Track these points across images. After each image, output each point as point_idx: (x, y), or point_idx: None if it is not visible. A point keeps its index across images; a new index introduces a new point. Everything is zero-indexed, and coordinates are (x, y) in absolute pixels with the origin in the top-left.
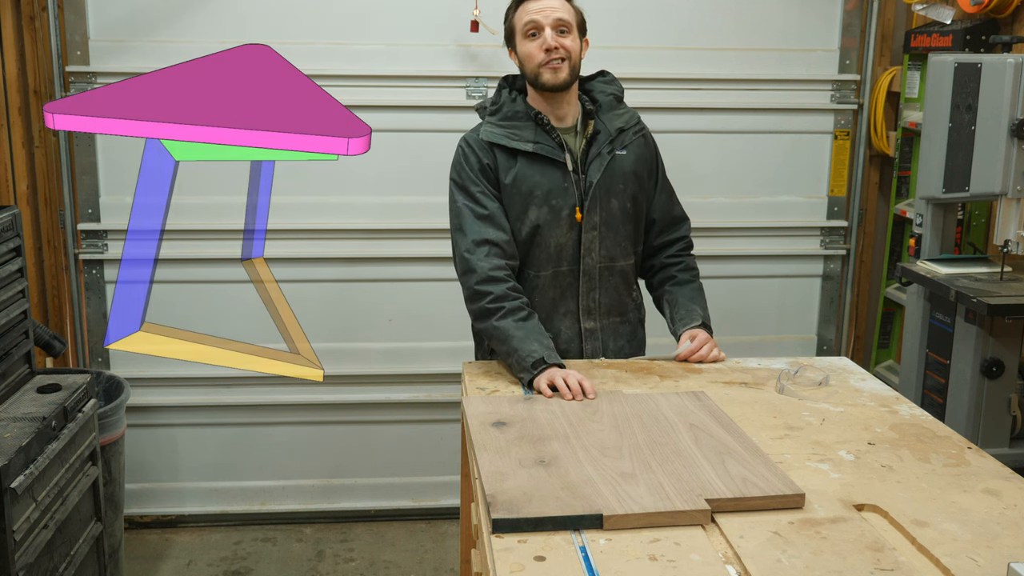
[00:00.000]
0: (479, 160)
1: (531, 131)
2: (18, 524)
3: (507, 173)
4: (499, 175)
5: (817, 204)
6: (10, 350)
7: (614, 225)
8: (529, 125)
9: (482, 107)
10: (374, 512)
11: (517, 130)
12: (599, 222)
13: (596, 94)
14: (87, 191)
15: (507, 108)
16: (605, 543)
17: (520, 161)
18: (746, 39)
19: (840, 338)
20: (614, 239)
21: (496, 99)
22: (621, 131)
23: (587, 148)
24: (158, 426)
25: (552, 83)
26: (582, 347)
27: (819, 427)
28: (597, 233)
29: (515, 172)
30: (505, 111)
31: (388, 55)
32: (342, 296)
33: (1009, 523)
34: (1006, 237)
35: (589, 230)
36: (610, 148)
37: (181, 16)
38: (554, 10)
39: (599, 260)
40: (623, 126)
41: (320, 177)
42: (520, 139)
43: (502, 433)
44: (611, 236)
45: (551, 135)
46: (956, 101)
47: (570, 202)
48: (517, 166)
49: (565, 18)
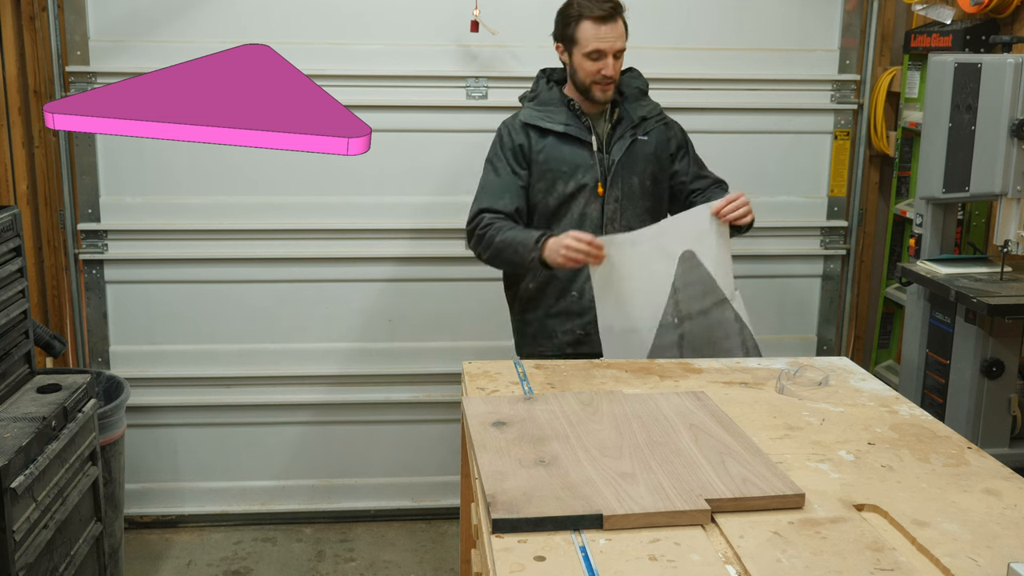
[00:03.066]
0: (512, 141)
1: (563, 115)
2: (18, 524)
3: (539, 150)
4: (531, 153)
5: (817, 204)
6: (10, 350)
7: (634, 199)
8: (562, 110)
9: (523, 97)
10: (374, 512)
11: (551, 113)
12: (620, 196)
13: (623, 87)
14: (87, 191)
15: (544, 95)
16: (605, 543)
17: (551, 140)
18: (746, 39)
19: (840, 338)
20: (633, 211)
21: (535, 88)
22: (644, 119)
23: (612, 132)
24: (158, 426)
25: (602, 100)
26: None
27: (819, 427)
28: (618, 205)
29: (546, 149)
30: (542, 98)
31: (388, 55)
32: (342, 296)
33: (1009, 523)
34: (1006, 237)
35: (611, 202)
36: (632, 133)
37: (181, 16)
38: (618, 40)
39: (619, 230)
40: (646, 115)
41: (320, 177)
42: (553, 121)
43: (502, 433)
44: (631, 209)
45: (580, 119)
46: (956, 101)
47: (594, 177)
48: (548, 144)
49: (622, 47)
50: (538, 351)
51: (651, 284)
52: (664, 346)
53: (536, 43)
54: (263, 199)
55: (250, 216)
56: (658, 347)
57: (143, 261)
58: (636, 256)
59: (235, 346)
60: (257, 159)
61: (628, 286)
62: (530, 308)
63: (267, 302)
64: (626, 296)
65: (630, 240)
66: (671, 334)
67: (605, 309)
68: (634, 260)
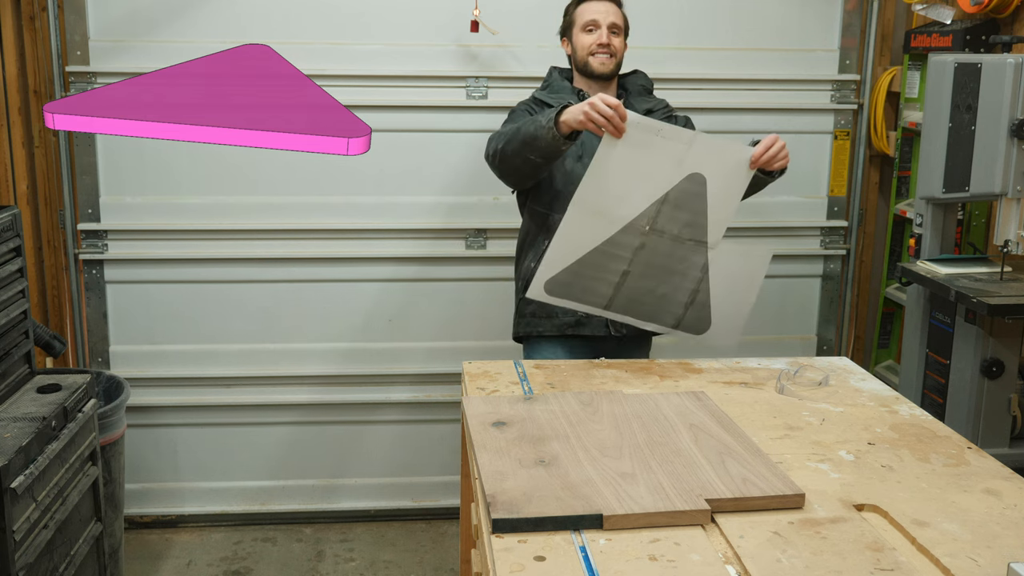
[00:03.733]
0: (531, 104)
1: (575, 100)
2: (18, 524)
3: None
4: None
5: (817, 204)
6: (10, 350)
7: None
8: (573, 98)
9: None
10: (374, 512)
11: (562, 98)
12: None
13: (628, 85)
14: (87, 191)
15: (555, 85)
16: (605, 543)
17: None
18: (746, 39)
19: (840, 338)
20: None
21: (547, 80)
22: (649, 111)
23: None
24: (158, 426)
25: (599, 71)
26: None
27: (819, 427)
28: None
29: None
30: (554, 86)
31: (388, 55)
32: (342, 296)
33: (1009, 523)
34: (1006, 237)
35: None
36: None
37: (181, 16)
38: (611, 13)
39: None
40: (651, 108)
41: (320, 177)
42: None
43: (502, 433)
44: None
45: None
46: (956, 101)
47: None
48: None
49: (618, 23)
50: (537, 331)
51: (649, 181)
52: (621, 244)
53: (536, 43)
54: (263, 199)
55: (250, 216)
56: (616, 243)
57: (143, 261)
58: (653, 146)
59: (235, 346)
60: (257, 159)
61: (627, 171)
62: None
63: (267, 302)
64: (619, 179)
65: (656, 128)
66: (634, 238)
67: (590, 183)
68: (649, 149)
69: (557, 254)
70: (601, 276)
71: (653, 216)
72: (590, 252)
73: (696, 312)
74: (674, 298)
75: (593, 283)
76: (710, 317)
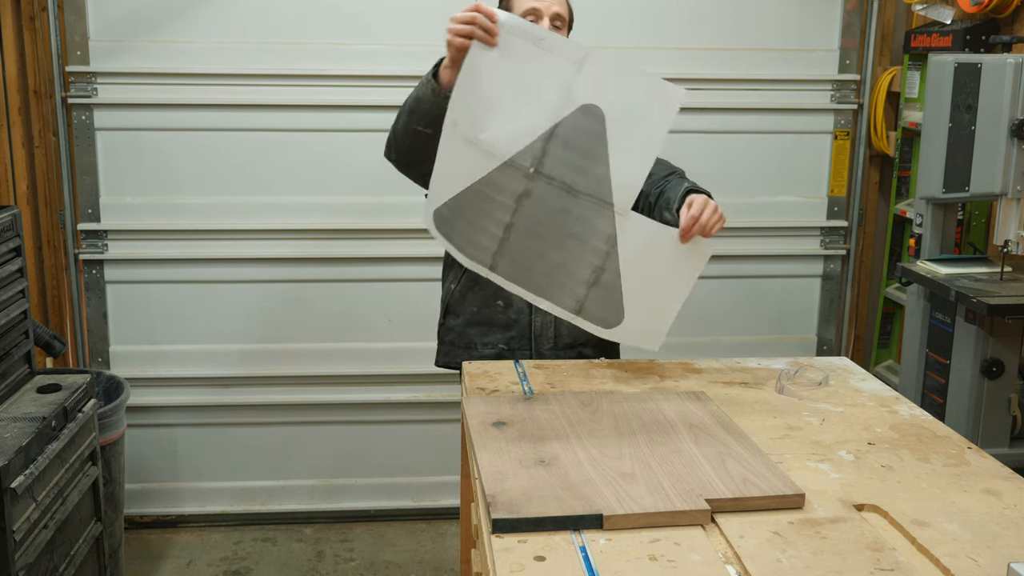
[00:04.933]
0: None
1: None
2: (18, 524)
3: None
4: None
5: (817, 204)
6: (10, 350)
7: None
8: None
9: None
10: (374, 512)
11: None
12: None
13: None
14: (87, 191)
15: None
16: (605, 543)
17: None
18: (746, 39)
19: (840, 338)
20: None
21: None
22: None
23: None
24: (158, 426)
25: None
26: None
27: (819, 427)
28: None
29: None
30: None
31: (388, 55)
32: (342, 296)
33: (1009, 523)
34: (1006, 237)
35: None
36: None
37: (181, 16)
38: (555, 3)
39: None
40: None
41: (320, 177)
42: None
43: (502, 433)
44: None
45: None
46: (956, 101)
47: None
48: None
49: (562, 14)
50: (455, 362)
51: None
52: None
53: None
54: (263, 199)
55: (250, 216)
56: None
57: (143, 261)
58: (535, 60)
59: (235, 346)
60: (257, 159)
61: (501, 90)
62: (451, 313)
63: (267, 302)
64: (492, 100)
65: (537, 36)
66: (516, 182)
67: (458, 102)
68: (528, 63)
69: (438, 182)
70: (481, 224)
71: (538, 156)
72: (467, 190)
73: (601, 296)
74: (572, 272)
75: (474, 232)
76: (622, 308)
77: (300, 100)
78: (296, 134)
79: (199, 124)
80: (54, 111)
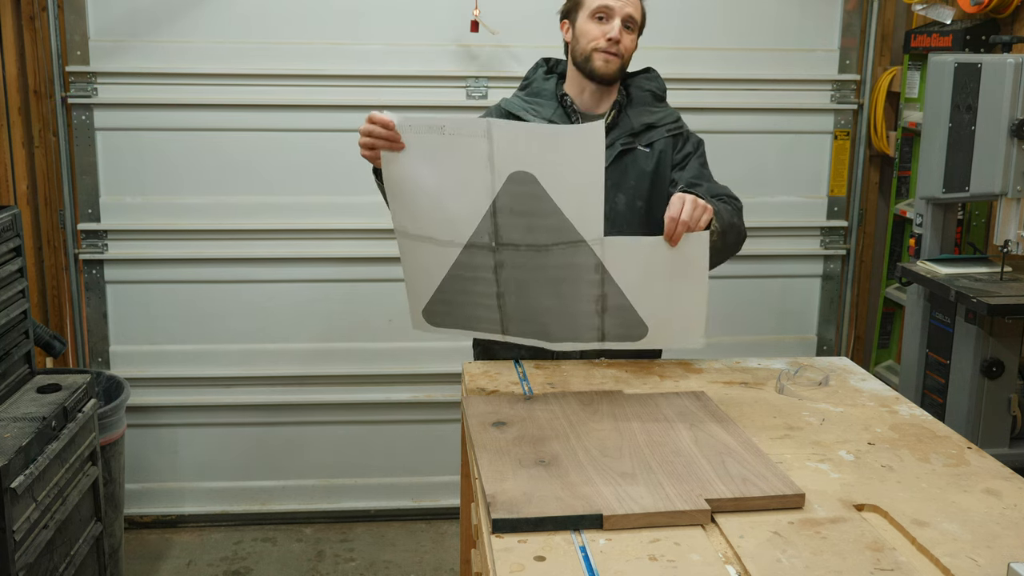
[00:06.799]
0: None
1: (551, 110)
2: (18, 524)
3: None
4: None
5: (817, 204)
6: (10, 350)
7: (619, 222)
8: (552, 104)
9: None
10: (374, 512)
11: (538, 106)
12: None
13: (632, 89)
14: (87, 191)
15: (536, 85)
16: (605, 543)
17: None
18: (746, 39)
19: (840, 338)
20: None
21: (529, 75)
22: (650, 127)
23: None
24: (158, 426)
25: (602, 72)
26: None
27: (819, 427)
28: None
29: None
30: (533, 87)
31: (388, 55)
32: (342, 296)
33: (1009, 523)
34: (1006, 237)
35: None
36: (629, 142)
37: (182, 16)
38: (629, 3)
39: None
40: (653, 123)
41: (320, 177)
42: (537, 115)
43: (502, 433)
44: (614, 232)
45: (571, 118)
46: (956, 101)
47: None
48: None
49: (635, 16)
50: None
51: (461, 192)
52: (475, 267)
53: (536, 43)
54: (263, 199)
55: (250, 216)
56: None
57: (143, 261)
58: (446, 148)
59: (235, 346)
60: (257, 159)
61: (428, 186)
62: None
63: (267, 302)
64: (422, 195)
65: (437, 126)
66: (484, 257)
67: (396, 208)
68: (439, 151)
69: (414, 285)
70: (474, 301)
71: (492, 231)
72: (445, 279)
73: (616, 318)
74: (578, 311)
75: (471, 309)
76: (641, 319)
77: (300, 100)
78: (296, 134)
79: (199, 124)
80: (54, 111)
